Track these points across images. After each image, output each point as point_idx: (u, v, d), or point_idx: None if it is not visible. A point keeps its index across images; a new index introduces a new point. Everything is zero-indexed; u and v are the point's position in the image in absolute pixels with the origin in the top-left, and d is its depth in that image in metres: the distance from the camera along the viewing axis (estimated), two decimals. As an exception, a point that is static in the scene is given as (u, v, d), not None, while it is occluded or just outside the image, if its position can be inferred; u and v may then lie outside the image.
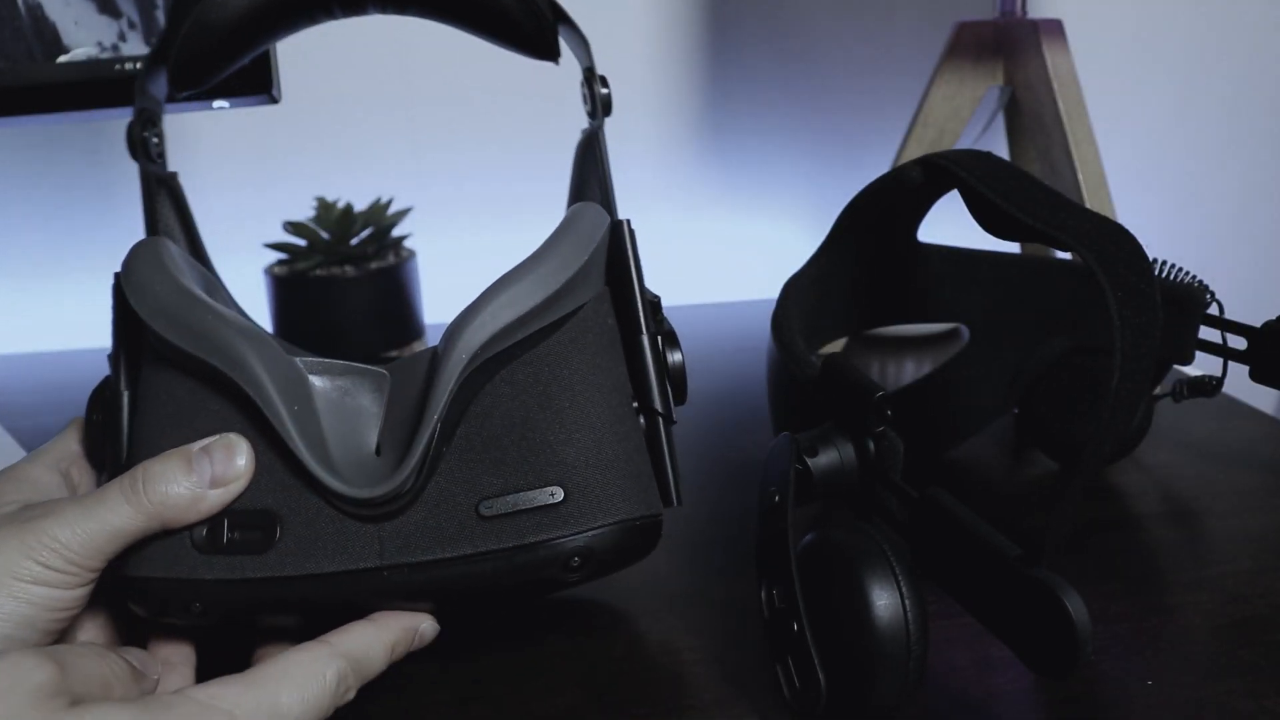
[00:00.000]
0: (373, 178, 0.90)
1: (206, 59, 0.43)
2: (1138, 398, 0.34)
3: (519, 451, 0.37)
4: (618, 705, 0.38)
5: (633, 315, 0.41)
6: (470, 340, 0.36)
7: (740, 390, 0.70)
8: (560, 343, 0.38)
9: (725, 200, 0.98)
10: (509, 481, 0.36)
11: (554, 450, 0.37)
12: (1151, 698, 0.38)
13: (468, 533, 0.36)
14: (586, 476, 0.37)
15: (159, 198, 0.42)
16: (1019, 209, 0.39)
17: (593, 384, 0.38)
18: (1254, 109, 1.06)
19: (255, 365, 0.35)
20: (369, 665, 0.35)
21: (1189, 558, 0.47)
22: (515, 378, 0.38)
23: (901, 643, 0.33)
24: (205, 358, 0.36)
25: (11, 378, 0.78)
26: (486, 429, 0.37)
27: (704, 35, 0.93)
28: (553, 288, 0.37)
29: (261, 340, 0.36)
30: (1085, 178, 0.71)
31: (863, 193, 0.49)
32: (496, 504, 0.36)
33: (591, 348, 0.39)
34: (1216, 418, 0.63)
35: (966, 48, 0.75)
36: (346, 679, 0.34)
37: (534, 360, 0.38)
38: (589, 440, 0.37)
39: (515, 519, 0.36)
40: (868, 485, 0.38)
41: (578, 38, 0.44)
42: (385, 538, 0.36)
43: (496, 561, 0.36)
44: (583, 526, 0.36)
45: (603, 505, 0.37)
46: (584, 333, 0.39)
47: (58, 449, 0.40)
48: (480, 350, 0.36)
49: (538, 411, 0.37)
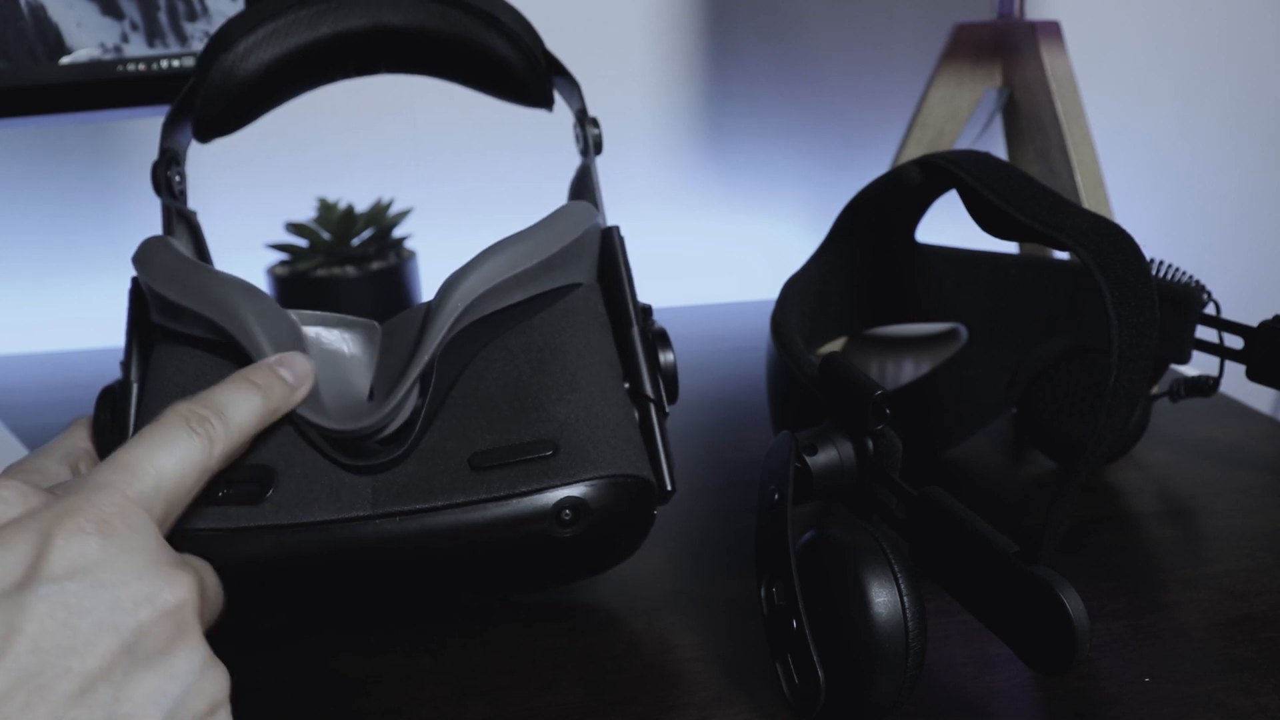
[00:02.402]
0: (374, 179, 0.90)
1: (228, 112, 0.45)
2: (1135, 397, 0.34)
3: (512, 409, 0.38)
4: (618, 703, 0.38)
5: (623, 313, 0.42)
6: (466, 291, 0.38)
7: (740, 390, 0.70)
8: (554, 315, 0.40)
9: (725, 200, 0.98)
10: (501, 436, 0.38)
11: (546, 409, 0.38)
12: (1149, 695, 0.38)
13: (460, 482, 0.37)
14: (578, 433, 0.38)
15: (178, 230, 0.44)
16: (1017, 209, 0.39)
17: (585, 356, 0.40)
18: (1253, 110, 1.06)
19: (247, 316, 0.37)
20: (232, 409, 0.34)
21: (1186, 556, 0.47)
22: (509, 344, 0.40)
23: (900, 640, 0.33)
24: (200, 310, 0.37)
25: (11, 378, 0.78)
26: (481, 389, 0.39)
27: (704, 36, 0.93)
28: (546, 253, 0.39)
29: (255, 294, 0.38)
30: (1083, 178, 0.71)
31: (862, 193, 0.49)
32: (489, 456, 0.37)
33: (583, 326, 0.41)
34: (1213, 417, 0.63)
35: (965, 49, 0.76)
36: (204, 421, 0.33)
37: (528, 330, 0.40)
38: (580, 402, 0.39)
39: (507, 470, 0.37)
40: (867, 484, 0.39)
41: (570, 84, 0.47)
42: (379, 489, 0.37)
43: (487, 510, 0.37)
44: (573, 478, 0.37)
45: (593, 459, 0.38)
46: (576, 312, 0.41)
47: (66, 444, 0.40)
48: (475, 303, 0.38)
49: (531, 375, 0.39)
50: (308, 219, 0.76)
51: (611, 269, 0.43)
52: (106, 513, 0.28)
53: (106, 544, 0.27)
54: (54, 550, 0.26)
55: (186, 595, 0.28)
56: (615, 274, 0.43)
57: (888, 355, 0.78)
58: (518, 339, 0.40)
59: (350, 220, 0.75)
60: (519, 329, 0.40)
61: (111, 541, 0.27)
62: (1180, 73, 1.03)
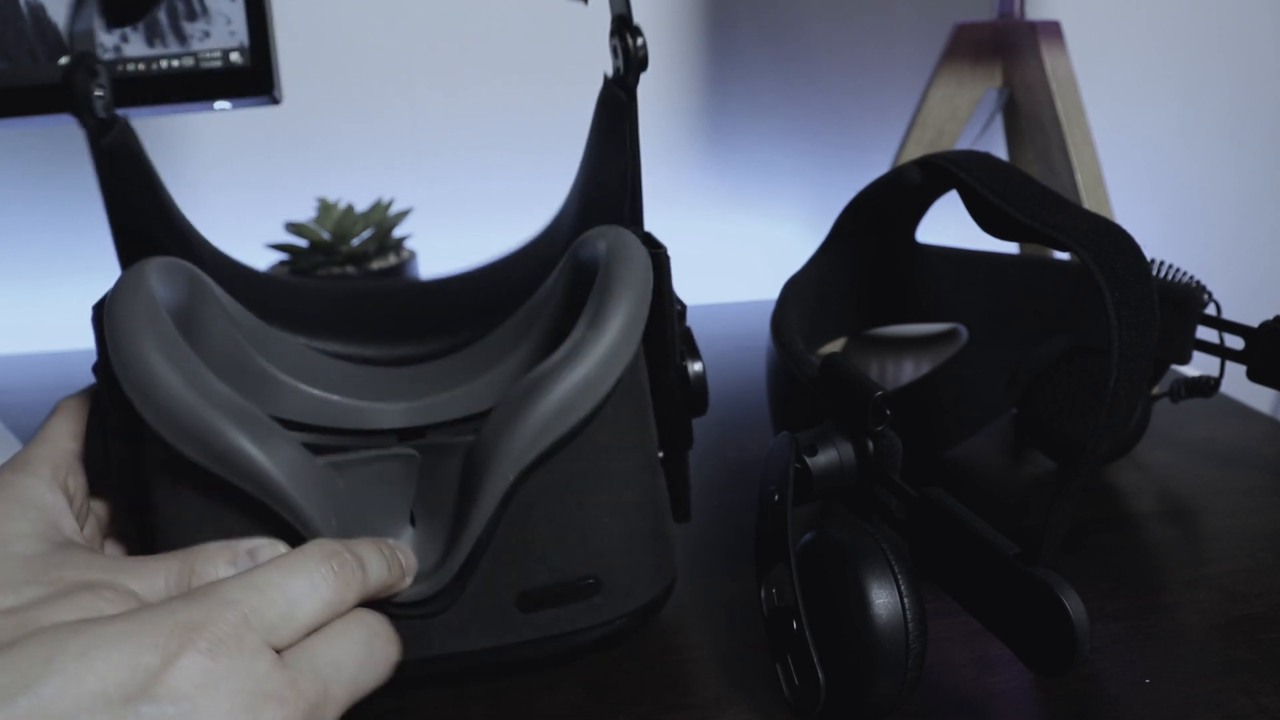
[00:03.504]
0: (373, 178, 0.90)
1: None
2: (1135, 397, 0.34)
3: (556, 545, 0.37)
4: (618, 703, 0.38)
5: (663, 351, 0.40)
6: (517, 459, 0.35)
7: (740, 390, 0.70)
8: (598, 429, 0.37)
9: (725, 200, 0.98)
10: (547, 574, 0.37)
11: (588, 544, 0.38)
12: (1149, 696, 0.38)
13: (511, 623, 0.37)
14: (618, 565, 0.38)
15: (119, 163, 0.37)
16: (1017, 209, 0.39)
17: (626, 467, 0.38)
18: (1253, 110, 1.06)
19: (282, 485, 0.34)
20: (371, 568, 0.33)
21: (1186, 556, 0.47)
22: (554, 476, 0.37)
23: (900, 641, 0.33)
24: (229, 479, 0.34)
25: (11, 378, 0.78)
26: (526, 526, 0.37)
27: (704, 37, 0.93)
28: (603, 390, 0.36)
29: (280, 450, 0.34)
30: (1083, 178, 0.71)
31: (862, 193, 0.49)
32: (535, 596, 0.37)
33: (626, 423, 0.38)
34: (1214, 417, 0.63)
35: (965, 49, 0.76)
36: (344, 560, 0.32)
37: (572, 455, 0.37)
38: (621, 530, 0.38)
39: (554, 612, 0.37)
40: (867, 484, 0.39)
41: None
42: (432, 630, 0.36)
43: (535, 648, 0.38)
44: (615, 614, 0.38)
45: (632, 591, 0.39)
46: (620, 408, 0.38)
47: (52, 454, 0.36)
48: (525, 471, 0.36)
49: (575, 508, 0.37)
50: (308, 219, 0.75)
51: (656, 303, 0.39)
52: (222, 633, 0.27)
53: (212, 668, 0.27)
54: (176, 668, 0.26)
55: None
56: (661, 310, 0.39)
57: (888, 355, 0.78)
58: (562, 467, 0.37)
59: (350, 220, 0.75)
60: (564, 454, 0.37)
61: (218, 665, 0.27)
62: (1181, 73, 1.03)
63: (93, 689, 0.25)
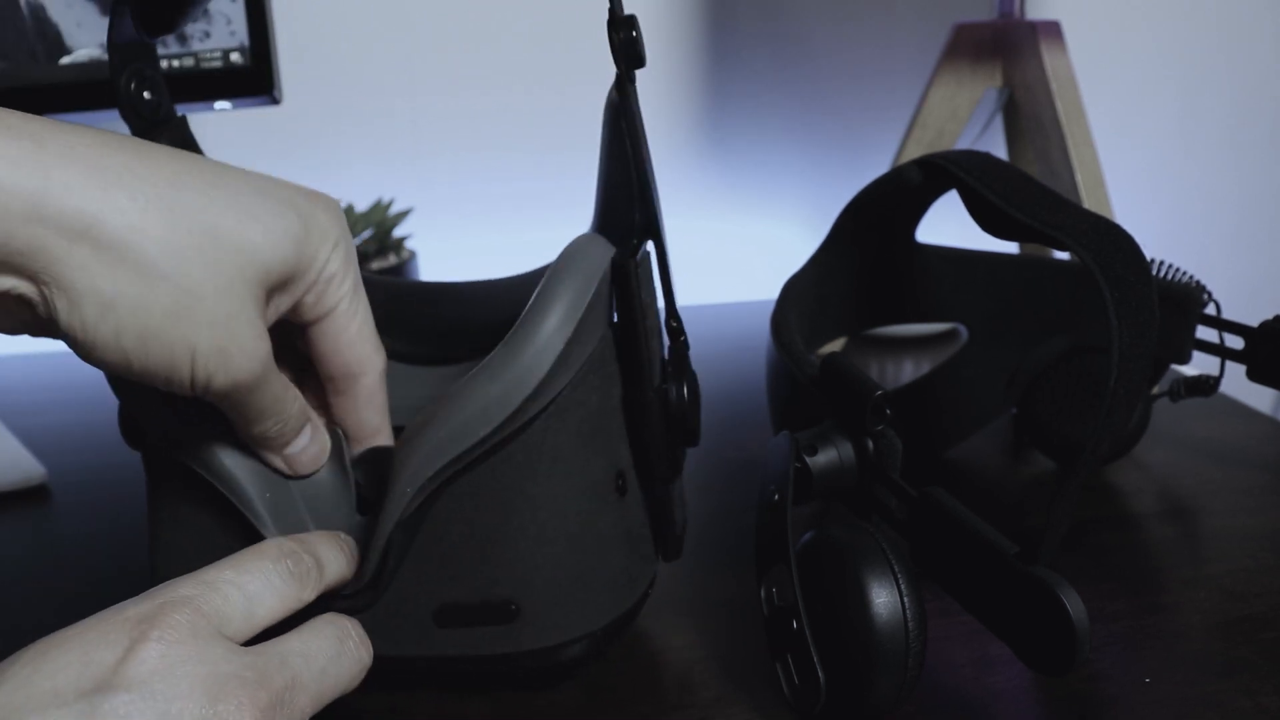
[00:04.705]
0: (374, 179, 0.90)
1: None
2: (1135, 397, 0.34)
3: (476, 563, 0.36)
4: (618, 703, 0.38)
5: (637, 371, 0.37)
6: (414, 473, 0.34)
7: (740, 390, 0.70)
8: (529, 443, 0.35)
9: (725, 200, 0.98)
10: (465, 591, 0.36)
11: (510, 566, 0.36)
12: (1149, 695, 0.38)
13: (425, 637, 0.36)
14: (542, 595, 0.36)
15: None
16: (1017, 209, 0.39)
17: (561, 490, 0.36)
18: (1253, 110, 1.06)
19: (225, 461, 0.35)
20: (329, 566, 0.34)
21: (1186, 556, 0.47)
22: (477, 488, 0.35)
23: (900, 640, 0.33)
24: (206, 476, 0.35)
25: (12, 378, 0.78)
26: (445, 539, 0.36)
27: (704, 36, 0.93)
28: (511, 408, 0.34)
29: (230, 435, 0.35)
30: (1083, 178, 0.71)
31: (862, 193, 0.49)
32: (452, 612, 0.36)
33: (559, 446, 0.36)
34: (1214, 417, 0.63)
35: (965, 49, 0.76)
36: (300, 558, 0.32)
37: (498, 466, 0.35)
38: (548, 556, 0.36)
39: (471, 631, 0.36)
40: (867, 484, 0.39)
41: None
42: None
43: (453, 667, 0.37)
44: (535, 644, 0.37)
45: (559, 624, 0.37)
46: (552, 430, 0.35)
47: None
48: (429, 480, 0.34)
49: (499, 526, 0.36)
50: (308, 219, 0.75)
51: (626, 314, 0.36)
52: (175, 622, 0.28)
53: (167, 653, 0.27)
54: (131, 659, 0.26)
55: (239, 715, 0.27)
56: (629, 324, 0.36)
57: (888, 355, 0.78)
58: (488, 479, 0.35)
59: (350, 220, 0.75)
60: (490, 464, 0.35)
61: (173, 651, 0.27)
62: (1181, 73, 1.03)
63: (43, 687, 0.26)
